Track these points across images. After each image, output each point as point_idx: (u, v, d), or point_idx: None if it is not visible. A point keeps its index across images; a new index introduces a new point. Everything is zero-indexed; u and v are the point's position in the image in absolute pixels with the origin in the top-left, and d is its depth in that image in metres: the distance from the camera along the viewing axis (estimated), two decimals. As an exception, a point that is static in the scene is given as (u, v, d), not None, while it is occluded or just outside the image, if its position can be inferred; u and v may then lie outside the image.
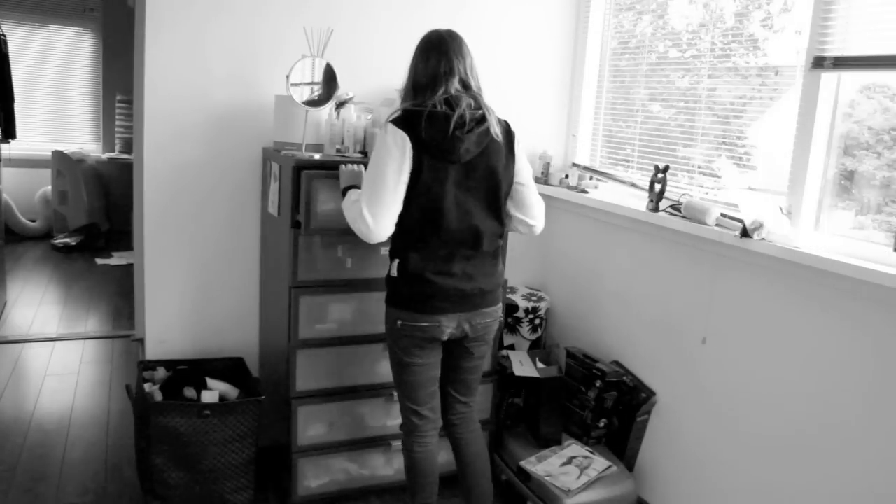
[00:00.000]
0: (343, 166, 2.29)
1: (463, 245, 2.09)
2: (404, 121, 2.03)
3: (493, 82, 3.13)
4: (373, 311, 2.53)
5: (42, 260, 5.89)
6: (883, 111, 2.05)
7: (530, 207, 2.24)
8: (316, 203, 2.35)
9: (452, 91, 2.05)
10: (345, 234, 2.40)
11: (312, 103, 2.52)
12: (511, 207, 2.22)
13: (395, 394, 2.29)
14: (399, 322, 2.12)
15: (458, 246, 2.09)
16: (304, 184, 2.33)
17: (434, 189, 2.03)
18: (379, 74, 2.90)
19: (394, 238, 2.11)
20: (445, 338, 2.14)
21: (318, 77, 2.51)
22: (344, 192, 2.20)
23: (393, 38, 2.91)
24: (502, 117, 2.16)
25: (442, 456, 2.76)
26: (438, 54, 2.08)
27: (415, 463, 2.26)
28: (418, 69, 2.10)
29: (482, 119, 2.06)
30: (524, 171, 2.21)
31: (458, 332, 2.14)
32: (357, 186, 2.17)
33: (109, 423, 3.13)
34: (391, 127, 2.03)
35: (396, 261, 2.11)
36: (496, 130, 2.09)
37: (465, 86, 2.09)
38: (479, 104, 2.08)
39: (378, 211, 2.01)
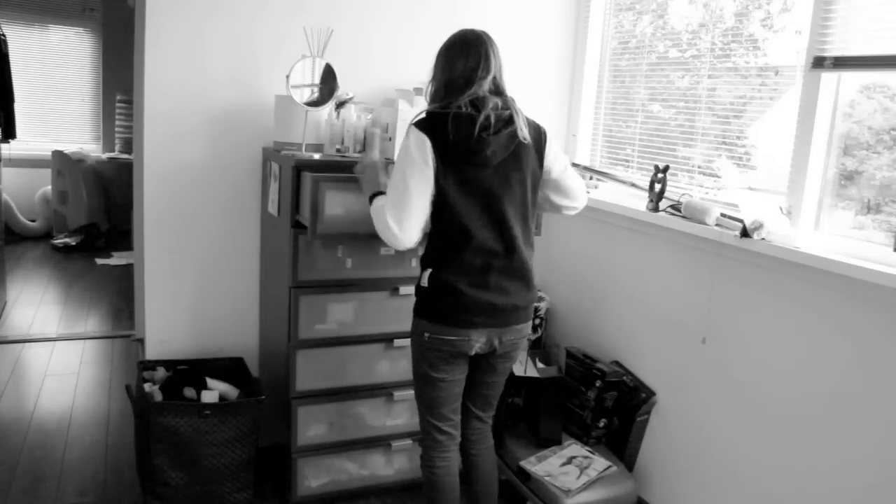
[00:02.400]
0: (359, 166, 2.25)
1: (495, 255, 2.00)
2: (428, 124, 1.97)
3: (493, 82, 3.14)
4: (373, 312, 2.53)
5: (42, 260, 5.89)
6: (883, 111, 2.05)
7: (573, 193, 2.23)
8: (323, 207, 2.31)
9: (481, 93, 1.98)
10: (353, 239, 2.39)
11: (312, 103, 2.51)
12: (554, 197, 2.21)
13: (420, 409, 2.17)
14: (427, 335, 2.03)
15: (492, 256, 2.00)
16: (311, 189, 2.28)
17: (462, 195, 1.96)
18: (379, 74, 2.90)
19: (426, 246, 2.06)
20: (473, 353, 2.06)
21: (318, 77, 2.51)
22: (371, 199, 2.14)
23: (393, 38, 2.92)
24: (532, 119, 2.10)
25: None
26: (477, 53, 2.00)
27: (438, 479, 2.15)
28: (455, 67, 2.00)
29: (510, 120, 1.99)
30: (556, 164, 2.14)
31: (487, 347, 2.07)
32: (383, 192, 2.13)
33: (109, 423, 3.13)
34: (413, 130, 1.97)
35: (428, 270, 2.03)
36: (524, 133, 2.01)
37: (497, 87, 2.03)
38: (506, 105, 2.01)
39: (403, 217, 1.95)
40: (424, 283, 2.03)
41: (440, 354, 2.04)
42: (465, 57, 2.00)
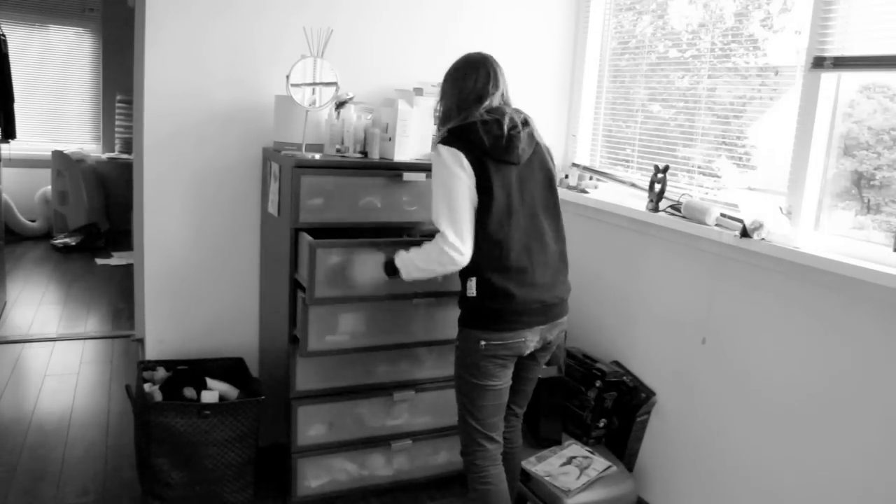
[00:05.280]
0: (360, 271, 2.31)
1: (536, 251, 2.05)
2: (455, 137, 2.02)
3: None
4: (378, 318, 2.51)
5: (42, 260, 5.88)
6: (883, 111, 2.05)
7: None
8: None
9: (495, 103, 2.07)
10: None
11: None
12: None
13: (468, 422, 2.13)
14: (482, 343, 2.03)
15: (533, 253, 2.04)
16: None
17: (502, 195, 2.00)
18: (379, 74, 2.90)
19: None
20: (528, 352, 2.09)
21: (318, 77, 2.51)
22: (388, 266, 2.17)
23: (393, 38, 2.92)
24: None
25: (441, 457, 2.77)
26: (487, 73, 2.09)
27: (496, 490, 2.13)
28: (465, 87, 2.08)
29: (525, 122, 2.10)
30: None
31: (540, 343, 2.10)
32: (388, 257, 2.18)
33: (109, 423, 3.12)
34: (443, 148, 2.01)
35: (474, 279, 2.03)
36: (539, 133, 2.13)
37: (506, 102, 2.13)
38: (518, 111, 2.12)
39: (463, 230, 1.98)
40: (472, 292, 2.03)
41: (497, 360, 2.06)
42: (474, 76, 2.09)
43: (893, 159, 2.01)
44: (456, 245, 1.98)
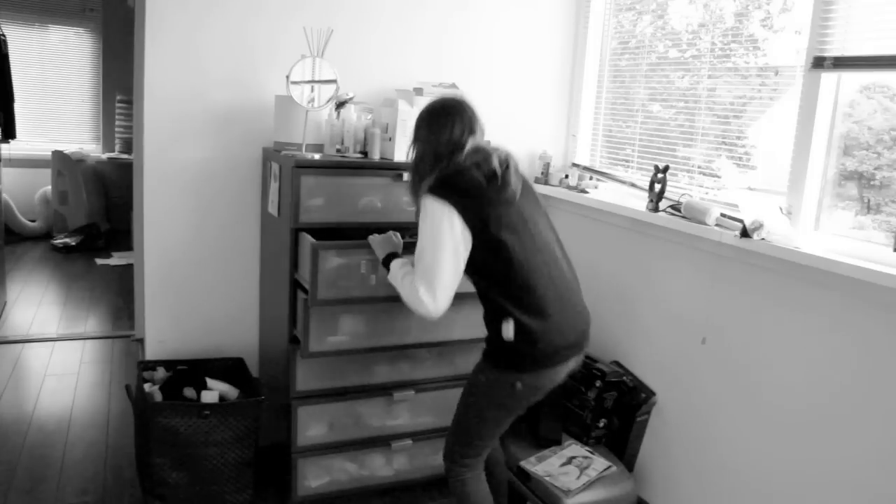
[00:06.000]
0: (372, 237, 2.27)
1: (556, 281, 2.01)
2: (447, 190, 1.95)
3: (492, 83, 3.15)
4: (378, 319, 2.51)
5: (42, 260, 5.88)
6: (883, 111, 2.05)
7: None
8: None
9: (473, 143, 2.02)
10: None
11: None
12: None
13: (469, 442, 2.15)
14: (519, 384, 1.99)
15: (555, 284, 2.00)
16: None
17: (515, 240, 1.96)
18: (379, 74, 2.90)
19: (489, 298, 2.01)
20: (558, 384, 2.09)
21: (318, 77, 2.51)
22: (385, 262, 2.15)
23: (393, 38, 2.92)
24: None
25: (441, 457, 2.76)
26: (462, 121, 2.02)
27: (477, 492, 2.18)
28: (442, 137, 2.01)
29: (508, 157, 2.04)
30: None
31: (569, 370, 2.09)
32: (396, 254, 2.15)
33: (109, 424, 3.12)
34: (433, 201, 1.95)
35: (510, 322, 1.95)
36: (521, 168, 2.11)
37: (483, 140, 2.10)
38: (497, 147, 2.07)
39: (438, 289, 1.94)
40: (509, 335, 1.95)
41: (528, 399, 2.06)
42: (450, 126, 2.01)
43: (893, 159, 2.01)
44: (424, 300, 1.94)
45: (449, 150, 2.00)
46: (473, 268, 2.00)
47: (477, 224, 1.94)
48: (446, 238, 1.93)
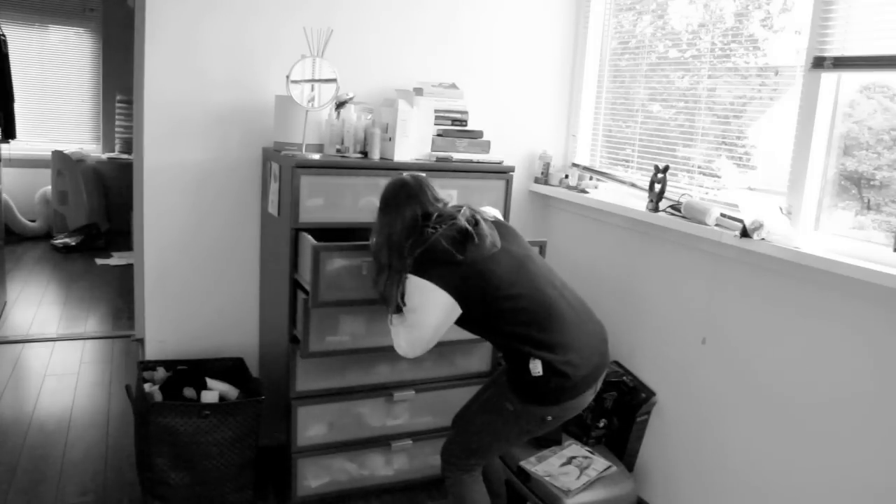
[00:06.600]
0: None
1: (566, 309, 2.03)
2: (422, 267, 2.00)
3: (492, 83, 3.15)
4: (378, 319, 2.51)
5: (42, 260, 5.88)
6: (883, 111, 2.05)
7: None
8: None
9: (432, 210, 2.06)
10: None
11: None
12: None
13: (478, 452, 2.19)
14: (549, 417, 2.03)
15: (566, 313, 2.02)
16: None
17: (514, 290, 1.99)
18: (379, 74, 2.90)
19: (512, 348, 2.01)
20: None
21: (318, 77, 2.51)
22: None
23: (393, 38, 2.92)
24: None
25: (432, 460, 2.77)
26: (411, 206, 2.06)
27: (473, 493, 2.20)
28: (394, 230, 2.06)
29: (472, 213, 2.07)
30: None
31: (594, 392, 2.12)
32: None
33: (109, 424, 3.12)
34: (417, 279, 2.00)
35: (538, 361, 1.95)
36: (491, 213, 2.19)
37: (444, 206, 2.11)
38: (458, 206, 2.10)
39: (417, 344, 2.08)
40: (538, 372, 1.95)
41: (555, 426, 2.10)
42: (400, 217, 2.06)
43: (893, 159, 2.01)
44: (402, 346, 2.10)
45: (406, 235, 2.05)
46: (483, 328, 2.07)
47: (462, 289, 1.98)
48: (430, 308, 2.01)
